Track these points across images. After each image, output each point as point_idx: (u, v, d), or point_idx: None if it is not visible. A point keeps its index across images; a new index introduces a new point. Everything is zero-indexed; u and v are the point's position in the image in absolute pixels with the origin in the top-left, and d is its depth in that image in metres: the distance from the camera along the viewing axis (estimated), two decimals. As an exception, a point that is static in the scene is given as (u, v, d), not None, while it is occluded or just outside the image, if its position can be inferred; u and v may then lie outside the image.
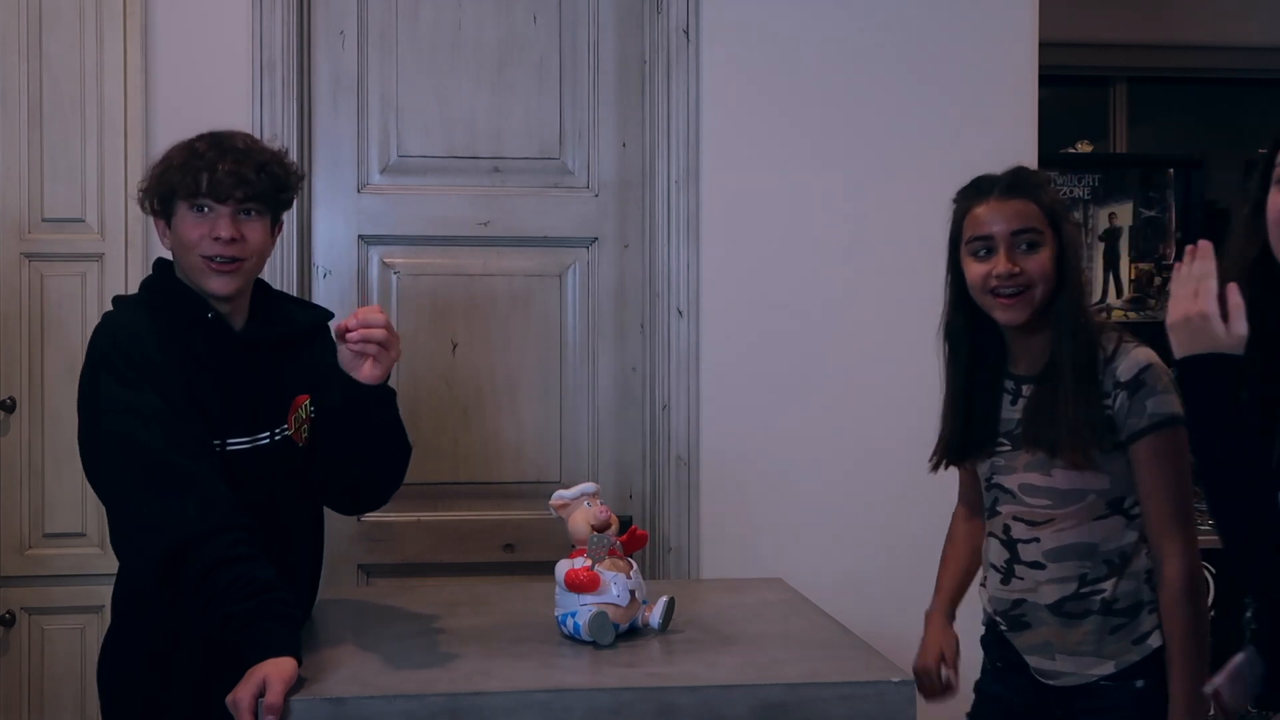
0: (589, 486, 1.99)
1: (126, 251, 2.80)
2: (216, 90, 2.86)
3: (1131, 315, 4.01)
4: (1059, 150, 4.47)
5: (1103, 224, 4.08)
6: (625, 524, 1.99)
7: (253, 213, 1.99)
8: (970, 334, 2.05)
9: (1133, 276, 4.08)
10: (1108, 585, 1.99)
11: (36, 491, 2.80)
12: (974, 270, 1.98)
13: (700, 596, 2.24)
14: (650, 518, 3.03)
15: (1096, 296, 3.97)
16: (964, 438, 2.07)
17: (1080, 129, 4.69)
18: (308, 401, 2.10)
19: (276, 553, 1.89)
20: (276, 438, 2.06)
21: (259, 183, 1.98)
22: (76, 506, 2.77)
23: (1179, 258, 1.60)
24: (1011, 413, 2.04)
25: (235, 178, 1.95)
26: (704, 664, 1.80)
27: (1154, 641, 1.98)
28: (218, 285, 1.98)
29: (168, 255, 2.09)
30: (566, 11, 3.08)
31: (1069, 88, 4.75)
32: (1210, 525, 1.61)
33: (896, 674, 1.76)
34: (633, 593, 1.92)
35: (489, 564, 3.02)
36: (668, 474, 3.00)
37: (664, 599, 1.97)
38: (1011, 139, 3.08)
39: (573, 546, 1.95)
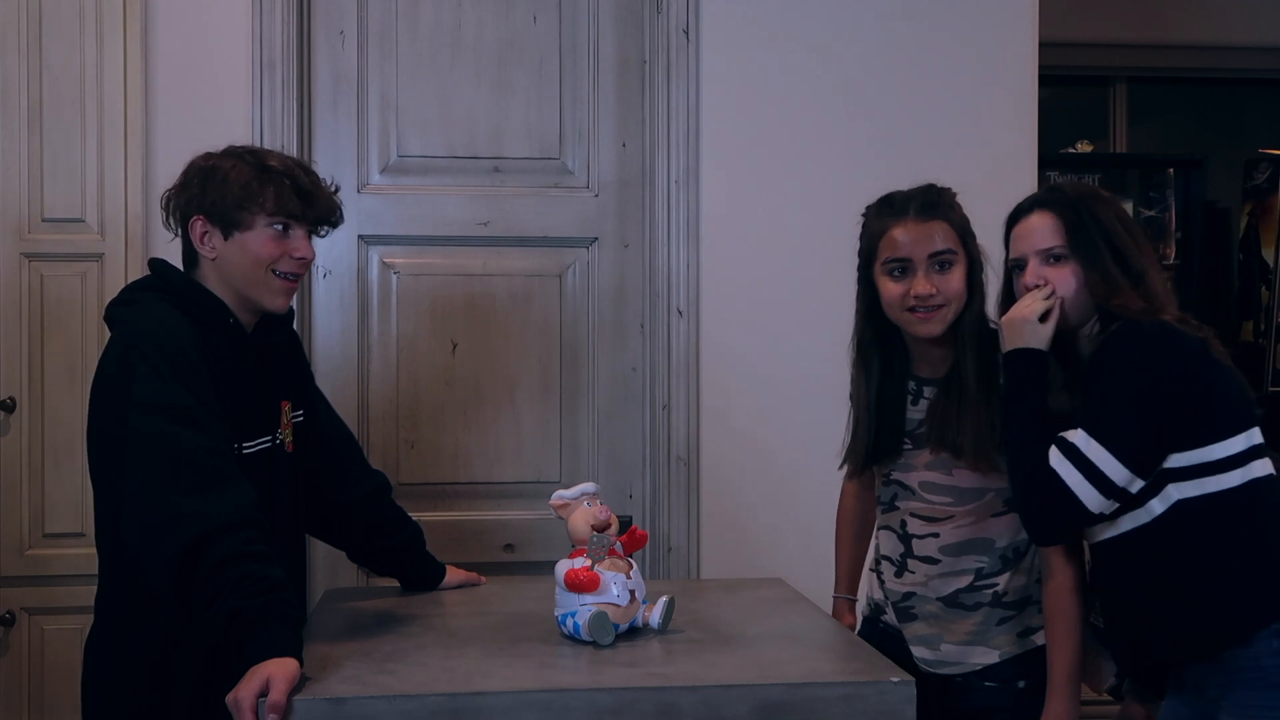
0: (589, 486, 1.99)
1: (126, 251, 2.80)
2: (216, 90, 2.87)
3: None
4: (1059, 150, 4.47)
5: (1103, 224, 4.07)
6: (625, 524, 1.99)
7: (321, 234, 2.09)
8: (880, 345, 2.11)
9: (1133, 276, 4.07)
10: (1001, 579, 2.05)
11: (36, 491, 2.80)
12: (891, 289, 2.03)
13: (700, 596, 2.24)
14: (650, 518, 3.04)
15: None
16: (875, 444, 2.11)
17: (1080, 129, 4.69)
18: (289, 407, 2.13)
19: (281, 556, 1.89)
20: (277, 441, 2.08)
21: (340, 212, 2.10)
22: (76, 506, 2.77)
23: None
24: (914, 413, 2.09)
25: (329, 207, 2.06)
26: (704, 664, 1.80)
27: (1038, 639, 2.03)
28: (281, 302, 2.04)
29: (163, 255, 2.09)
30: (566, 11, 3.08)
31: (1069, 88, 4.75)
32: None
33: (896, 674, 1.76)
34: (633, 593, 1.92)
35: (489, 564, 3.01)
36: (668, 474, 3.01)
37: (664, 599, 1.97)
38: (1011, 139, 3.08)
39: (573, 546, 1.95)
